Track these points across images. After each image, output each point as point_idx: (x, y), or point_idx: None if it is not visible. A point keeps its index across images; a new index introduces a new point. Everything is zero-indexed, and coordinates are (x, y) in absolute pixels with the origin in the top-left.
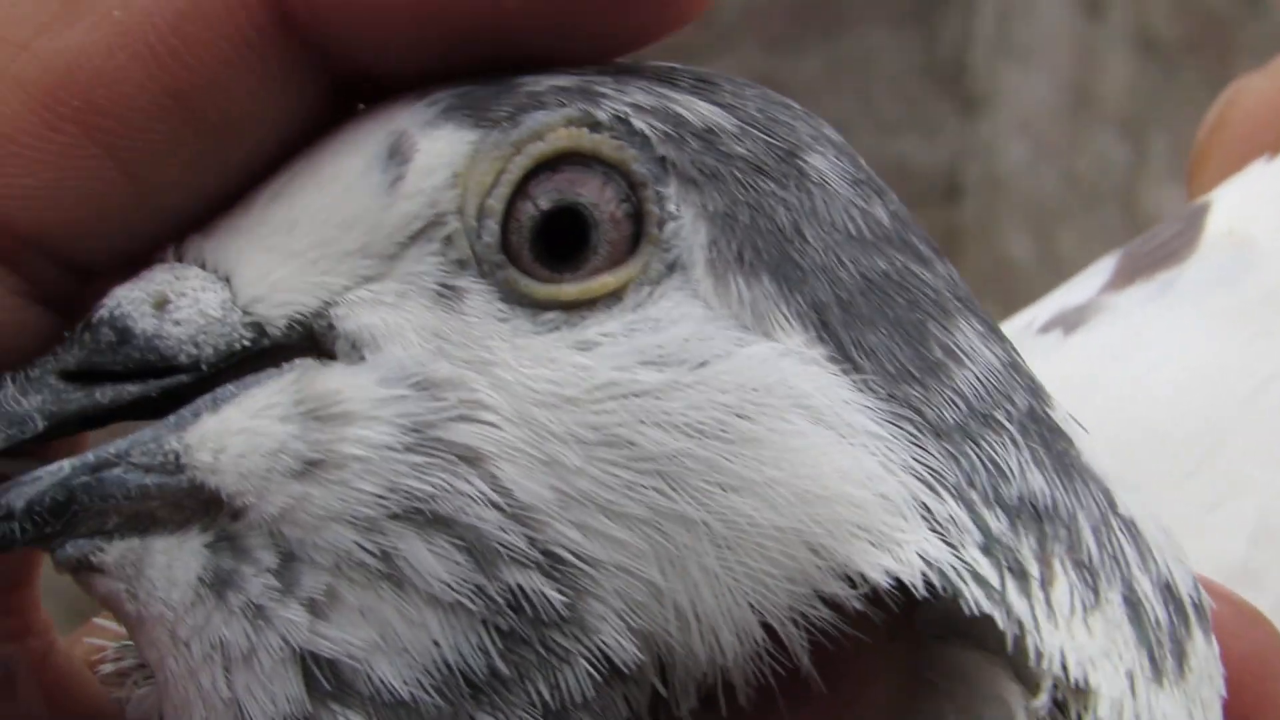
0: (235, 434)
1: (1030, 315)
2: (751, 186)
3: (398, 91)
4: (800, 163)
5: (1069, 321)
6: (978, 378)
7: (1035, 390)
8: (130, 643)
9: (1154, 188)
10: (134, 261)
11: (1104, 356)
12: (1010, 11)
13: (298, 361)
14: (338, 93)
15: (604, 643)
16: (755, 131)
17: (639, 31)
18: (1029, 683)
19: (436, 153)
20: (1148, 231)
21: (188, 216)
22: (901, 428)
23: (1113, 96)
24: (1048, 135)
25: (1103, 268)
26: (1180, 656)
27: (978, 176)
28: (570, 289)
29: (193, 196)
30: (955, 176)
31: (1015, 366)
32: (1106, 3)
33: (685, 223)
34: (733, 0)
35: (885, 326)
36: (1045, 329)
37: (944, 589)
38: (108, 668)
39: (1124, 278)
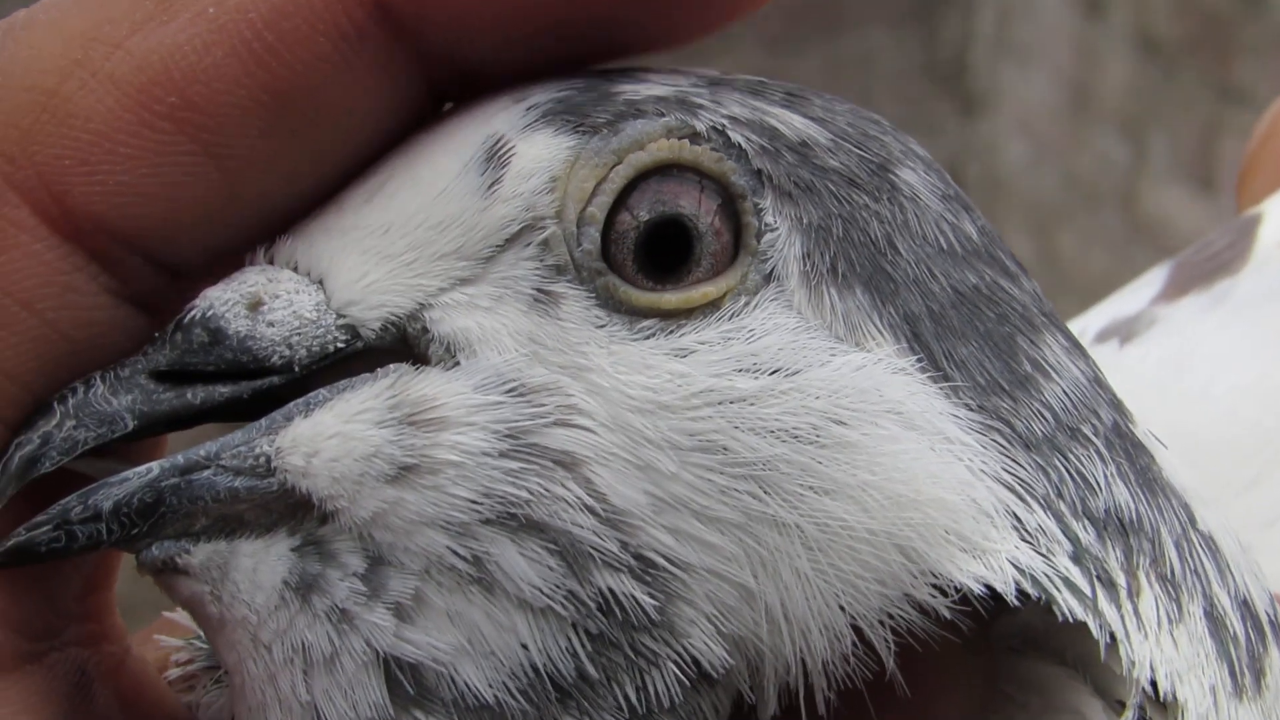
0: (329, 438)
1: (1081, 324)
2: (845, 200)
3: (485, 92)
4: (892, 177)
5: (1123, 332)
6: (1065, 392)
7: (1118, 405)
8: (198, 642)
9: (1154, 188)
10: (224, 262)
11: (1161, 369)
12: (1010, 11)
13: (392, 366)
14: (430, 92)
15: (693, 646)
16: (848, 145)
17: (690, 24)
18: (1109, 697)
19: (534, 157)
20: (1199, 241)
21: (280, 216)
22: (992, 438)
23: (1113, 96)
24: (1048, 135)
25: (1153, 278)
26: (1258, 672)
27: (978, 176)
28: (672, 298)
29: (286, 196)
30: (955, 176)
31: (1099, 382)
32: (1106, 3)
33: (781, 234)
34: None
35: (976, 339)
36: (1101, 339)
37: (1037, 597)
38: (174, 672)
39: (1177, 289)
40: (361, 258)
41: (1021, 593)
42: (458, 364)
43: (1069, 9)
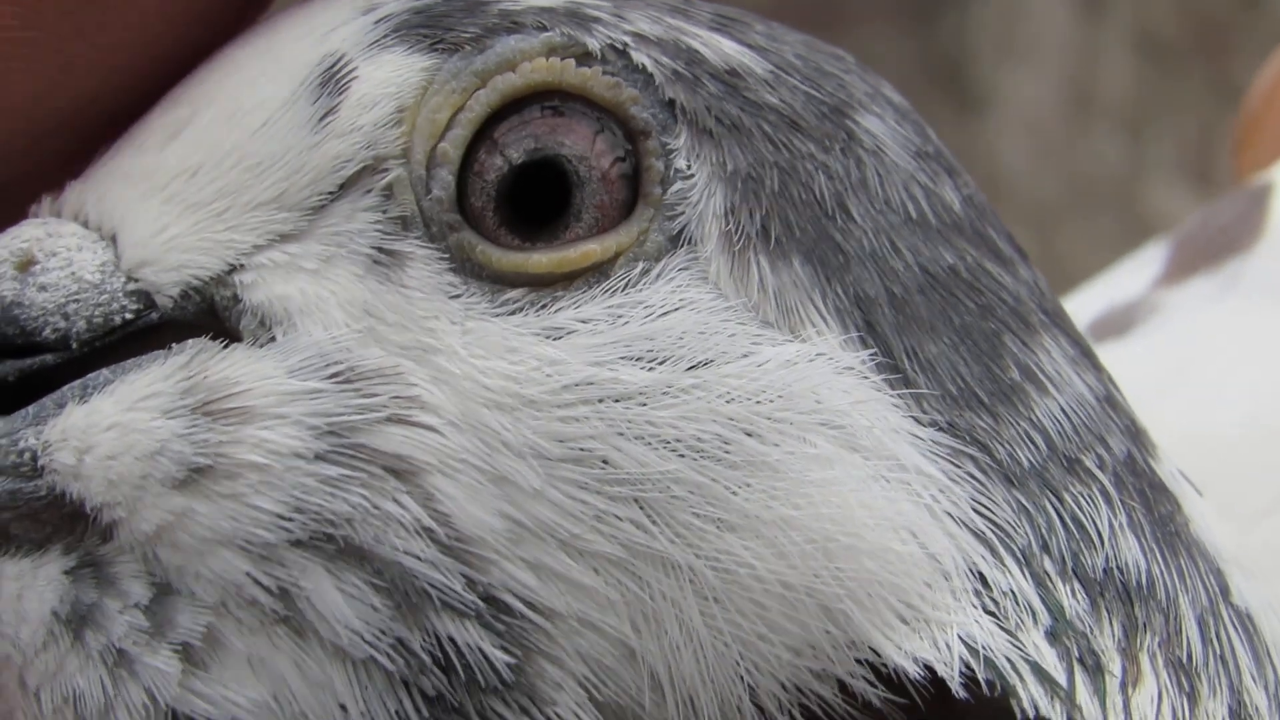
0: (105, 430)
1: (1069, 309)
2: (784, 145)
3: None
4: (850, 123)
5: (1119, 323)
6: (1063, 410)
7: (1136, 434)
8: None
9: (1154, 188)
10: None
11: (1164, 365)
12: (1010, 11)
13: (192, 342)
14: None
15: (558, 716)
16: (793, 80)
17: None
18: None
19: (380, 81)
20: (1202, 212)
21: (65, 156)
22: (961, 467)
23: (1113, 96)
24: (1048, 135)
25: (1152, 256)
26: None
27: (978, 176)
28: (541, 259)
29: (68, 128)
30: None
31: (1111, 401)
32: (1106, 3)
33: (697, 184)
34: (733, 0)
35: (949, 335)
36: (1095, 331)
37: (991, 684)
38: None
39: (1181, 269)
40: (163, 207)
41: (973, 679)
42: (273, 340)
43: (1069, 9)
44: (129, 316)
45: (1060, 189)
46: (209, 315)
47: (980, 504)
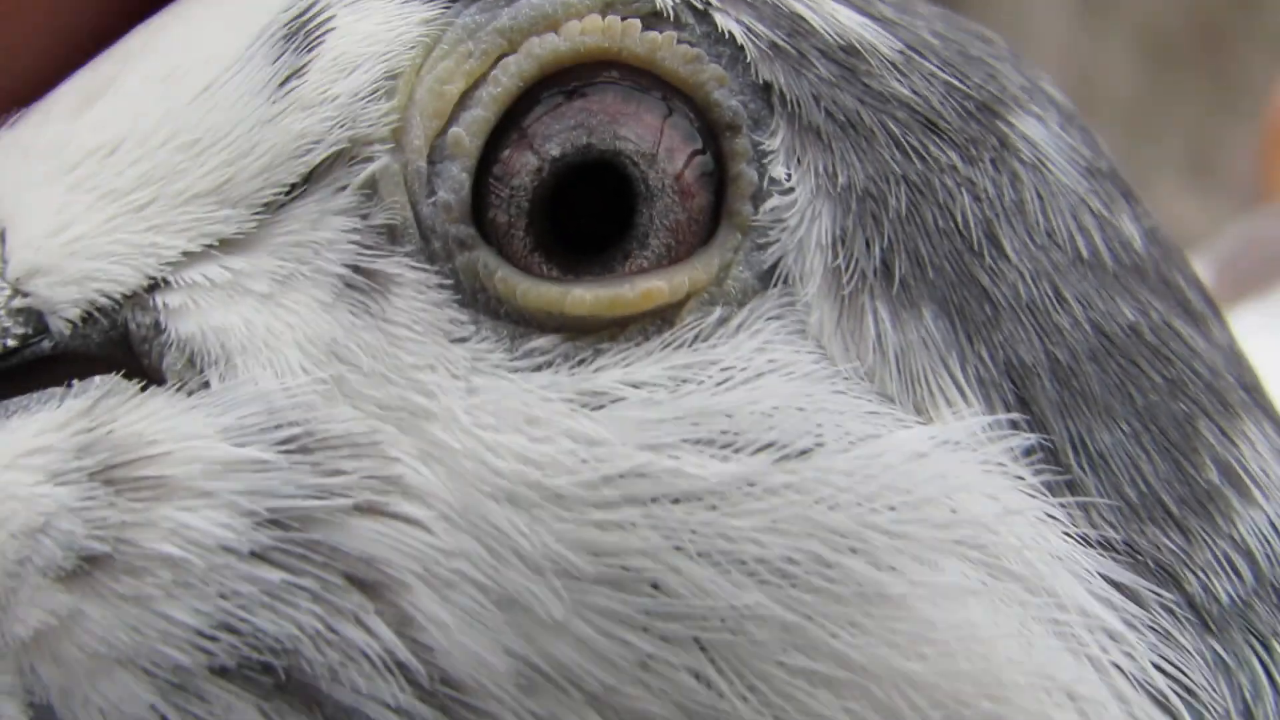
0: None
1: None
2: (916, 153)
3: None
4: (1003, 126)
5: None
6: (1273, 525)
7: None
8: None
9: (1154, 188)
10: None
11: None
12: (1010, 11)
13: (99, 380)
14: None
15: None
16: (929, 65)
17: None
18: None
19: (363, 36)
20: (1242, 233)
21: None
22: (1141, 606)
23: (1113, 96)
24: None
25: None
26: None
27: None
28: (585, 297)
29: None
30: None
31: None
32: (1107, 3)
33: (798, 201)
34: None
35: (1129, 419)
36: None
37: None
38: None
39: (1225, 294)
40: (67, 196)
41: None
42: (206, 386)
43: (1069, 9)
44: (10, 344)
45: None
46: (120, 347)
47: (1165, 658)
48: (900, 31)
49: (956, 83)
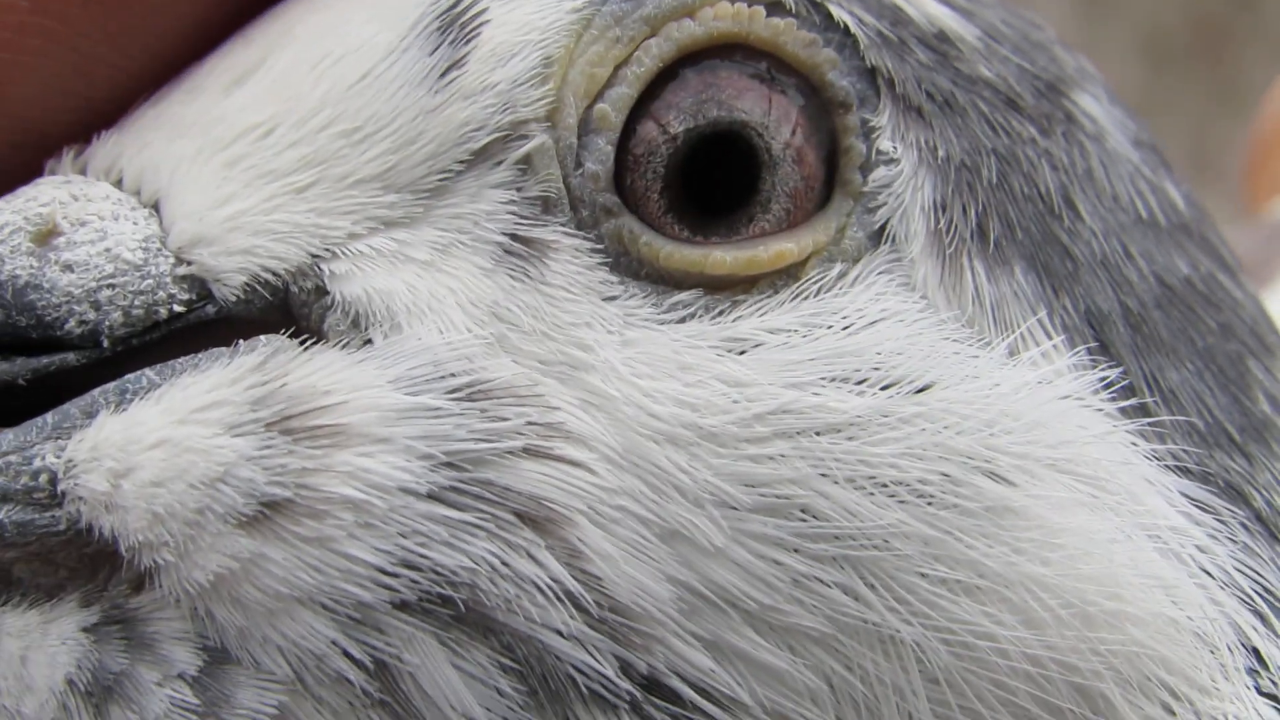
0: (150, 447)
1: None
2: (1003, 128)
3: None
4: (1068, 103)
5: None
6: None
7: None
8: None
9: None
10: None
11: None
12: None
13: (265, 339)
14: None
15: None
16: (1004, 50)
17: None
18: None
19: (520, 25)
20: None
21: (105, 103)
22: (1219, 519)
23: None
24: None
25: None
26: None
27: None
28: (724, 257)
29: (108, 73)
30: None
31: None
32: (1107, 3)
33: (903, 171)
34: None
35: (1192, 359)
36: None
37: None
38: None
39: None
40: (224, 172)
41: None
42: (370, 344)
43: (1069, 9)
44: (178, 309)
45: None
46: (282, 311)
47: (1244, 564)
48: (977, 20)
49: (1027, 65)
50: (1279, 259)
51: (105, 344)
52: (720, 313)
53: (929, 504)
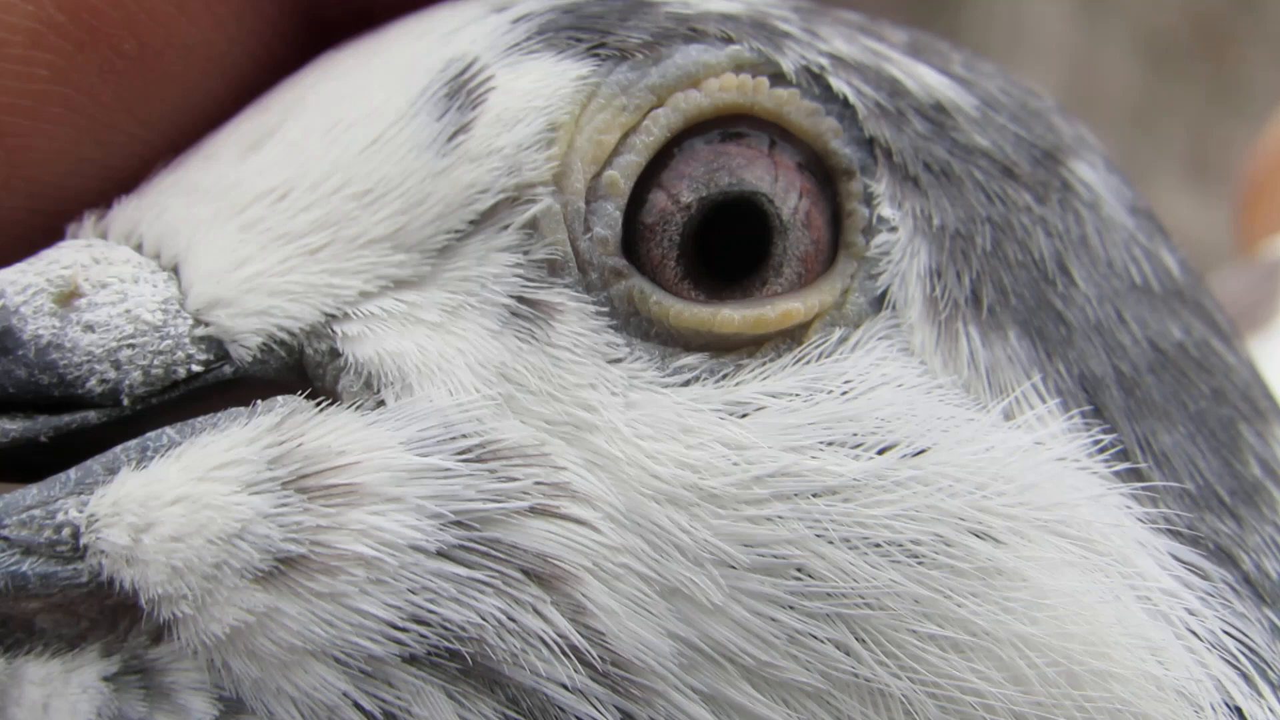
0: (170, 503)
1: None
2: (998, 196)
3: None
4: (1064, 171)
5: None
6: None
7: None
8: None
9: (1153, 188)
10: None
11: None
12: (1010, 12)
13: (282, 400)
14: (311, 26)
15: None
16: (1001, 119)
17: None
18: None
19: (524, 93)
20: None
21: (121, 169)
22: (1207, 580)
23: (1112, 97)
24: None
25: None
26: None
27: None
28: (733, 317)
29: (124, 140)
30: None
31: None
32: (1107, 3)
33: (900, 238)
34: None
35: (1184, 422)
36: None
37: None
38: None
39: None
40: (241, 235)
41: None
42: (382, 405)
43: (1069, 9)
44: (196, 369)
45: None
46: (296, 372)
47: (1231, 625)
48: (975, 89)
49: (1024, 133)
50: (1273, 299)
51: (125, 402)
52: (724, 376)
53: (921, 564)
